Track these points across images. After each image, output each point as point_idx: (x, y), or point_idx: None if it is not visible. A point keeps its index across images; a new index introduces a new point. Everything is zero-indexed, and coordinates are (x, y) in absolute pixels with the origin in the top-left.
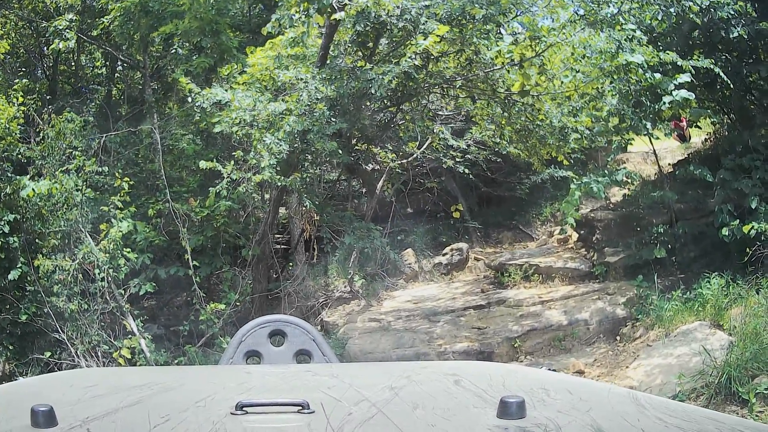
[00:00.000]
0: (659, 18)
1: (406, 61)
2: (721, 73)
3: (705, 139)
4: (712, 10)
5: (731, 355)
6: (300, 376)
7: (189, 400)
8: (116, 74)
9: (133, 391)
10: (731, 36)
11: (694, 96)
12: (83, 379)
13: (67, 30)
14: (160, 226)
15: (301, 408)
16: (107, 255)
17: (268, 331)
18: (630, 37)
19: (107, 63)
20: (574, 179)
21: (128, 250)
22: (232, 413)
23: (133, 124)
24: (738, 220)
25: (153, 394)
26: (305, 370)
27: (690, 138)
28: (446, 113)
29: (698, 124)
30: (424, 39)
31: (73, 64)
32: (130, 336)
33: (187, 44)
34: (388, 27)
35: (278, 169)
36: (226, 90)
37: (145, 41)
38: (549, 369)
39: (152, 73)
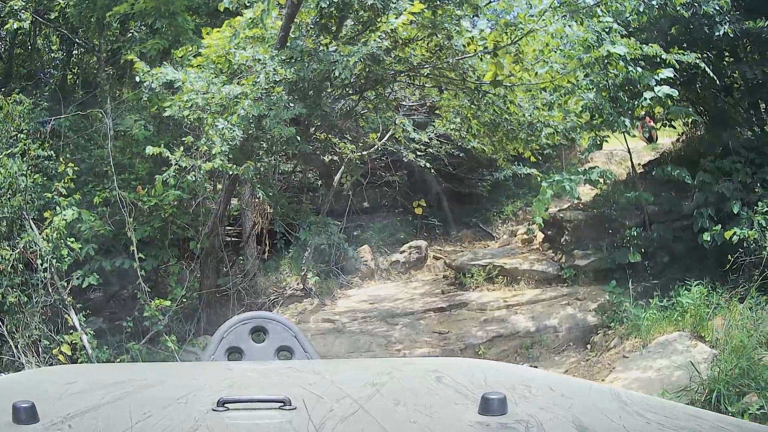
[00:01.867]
0: (640, 10)
1: (375, 41)
2: (708, 70)
3: (676, 139)
4: (696, 5)
5: (716, 370)
6: (281, 372)
7: (170, 397)
8: (72, 58)
9: (115, 387)
10: (716, 33)
11: (677, 93)
12: (65, 375)
13: (22, 11)
14: (106, 216)
15: (282, 404)
16: (50, 245)
17: (250, 328)
18: (607, 29)
19: (63, 47)
20: (539, 177)
21: (72, 239)
22: (213, 409)
23: (86, 109)
24: (719, 225)
25: (134, 390)
26: (286, 367)
27: (657, 138)
28: (410, 104)
29: (673, 123)
30: (396, 18)
31: (29, 47)
32: (71, 331)
33: (144, 28)
34: (354, 6)
35: (230, 156)
36: (177, 70)
37: (101, 24)
38: (530, 365)
39: (108, 57)
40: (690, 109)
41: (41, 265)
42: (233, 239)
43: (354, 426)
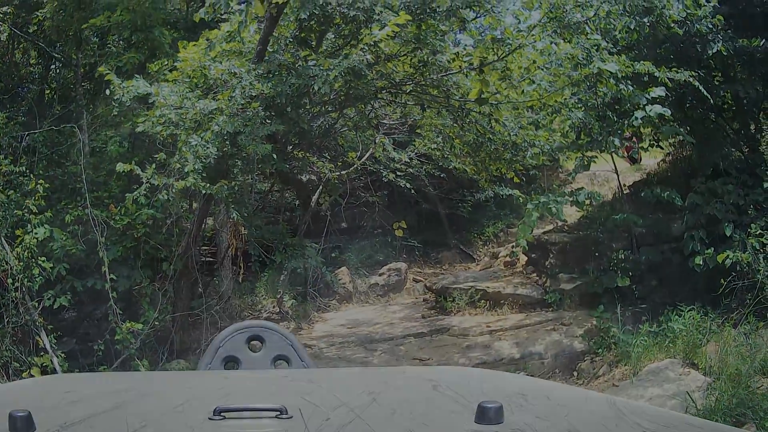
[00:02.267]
0: (631, 27)
1: (357, 54)
2: (701, 89)
3: (662, 160)
4: (689, 23)
5: (712, 399)
6: (278, 381)
7: (167, 406)
8: (50, 73)
9: (112, 397)
10: (709, 51)
11: (670, 112)
12: (62, 384)
13: (0, 23)
14: (78, 234)
15: (279, 413)
16: (21, 263)
17: (246, 337)
18: (596, 45)
19: (41, 61)
20: (521, 198)
21: (43, 258)
22: (210, 418)
23: (63, 125)
24: (712, 249)
25: (131, 399)
26: (283, 376)
27: (640, 159)
28: (390, 122)
29: (660, 144)
30: (380, 29)
31: (7, 60)
32: (42, 353)
33: (122, 42)
34: (335, 19)
35: (204, 175)
36: (151, 84)
37: (78, 38)
38: (527, 374)
39: (85, 72)
40: (682, 129)
41: (12, 284)
42: (209, 260)
43: None
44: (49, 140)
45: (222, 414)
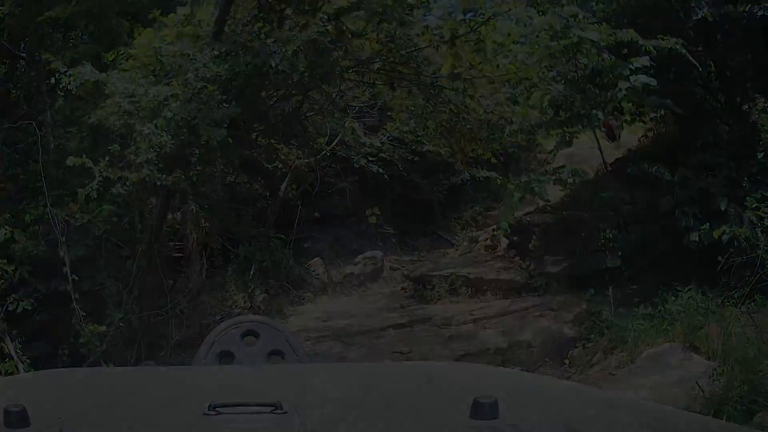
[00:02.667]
0: None
1: (316, 25)
2: (690, 57)
3: (643, 135)
4: None
5: (719, 384)
6: (272, 376)
7: (162, 401)
8: (16, 72)
9: (107, 392)
10: (694, 18)
11: (656, 82)
12: (57, 379)
13: None
14: (39, 235)
15: (273, 408)
16: None
17: (241, 332)
18: (574, 15)
19: (6, 61)
20: (499, 180)
21: (4, 261)
22: (205, 414)
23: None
24: (708, 224)
25: (126, 394)
26: (278, 371)
27: (619, 137)
28: (360, 104)
29: (643, 119)
30: None
31: None
32: (7, 359)
33: (85, 36)
34: None
35: (160, 166)
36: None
37: (40, 34)
38: (521, 369)
39: (49, 69)
40: (668, 101)
41: None
42: (179, 255)
43: (345, 430)
44: (9, 139)
45: (217, 409)
